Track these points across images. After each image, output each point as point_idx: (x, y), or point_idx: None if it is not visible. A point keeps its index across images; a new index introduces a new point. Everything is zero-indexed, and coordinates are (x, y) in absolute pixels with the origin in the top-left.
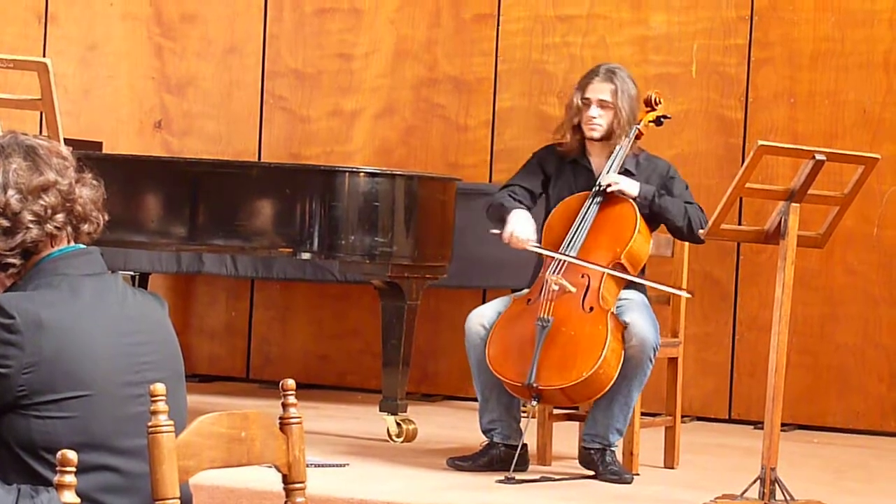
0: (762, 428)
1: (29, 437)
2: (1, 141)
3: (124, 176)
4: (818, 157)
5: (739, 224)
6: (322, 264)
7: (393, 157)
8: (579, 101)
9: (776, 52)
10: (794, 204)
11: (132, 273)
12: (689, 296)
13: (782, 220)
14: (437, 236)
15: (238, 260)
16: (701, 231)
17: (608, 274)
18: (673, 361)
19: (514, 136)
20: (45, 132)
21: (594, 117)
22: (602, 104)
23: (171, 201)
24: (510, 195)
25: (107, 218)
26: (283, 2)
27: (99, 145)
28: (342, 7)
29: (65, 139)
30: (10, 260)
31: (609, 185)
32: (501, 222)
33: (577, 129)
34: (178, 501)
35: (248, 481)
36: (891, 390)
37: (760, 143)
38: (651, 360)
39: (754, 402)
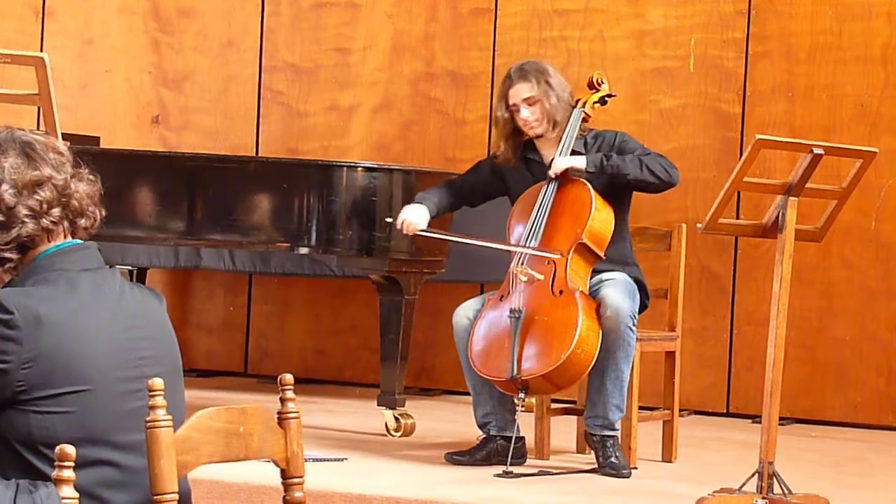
0: (760, 422)
1: (28, 432)
2: None
3: (122, 171)
4: (816, 151)
5: (737, 218)
6: (320, 259)
7: (390, 152)
8: (505, 113)
9: (774, 45)
10: (791, 198)
11: (130, 268)
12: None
13: (780, 214)
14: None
15: (236, 255)
16: (673, 173)
17: (574, 255)
18: (671, 355)
19: None
20: (42, 127)
21: (527, 118)
22: (528, 102)
23: (169, 196)
24: (439, 185)
25: (104, 213)
26: None
27: (96, 140)
28: (339, 1)
29: (62, 134)
30: (7, 255)
31: (556, 166)
32: None
33: (512, 137)
34: (177, 496)
35: (246, 476)
36: (888, 384)
37: (758, 136)
38: (631, 329)
39: (752, 396)
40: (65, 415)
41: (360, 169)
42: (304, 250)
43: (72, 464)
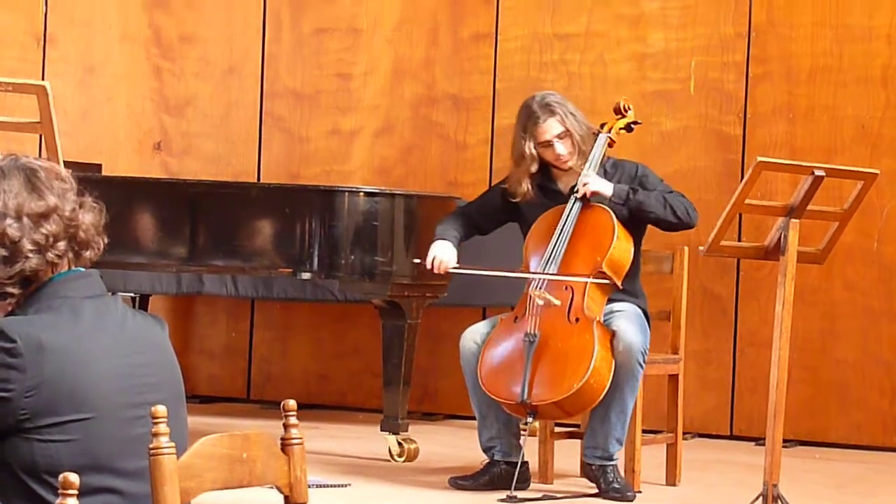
0: (764, 444)
1: (31, 460)
2: (0, 164)
3: (124, 197)
4: (817, 172)
5: (739, 240)
6: (322, 284)
7: (392, 176)
8: (533, 150)
9: (774, 67)
10: (793, 220)
11: (132, 295)
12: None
13: (782, 235)
14: None
15: (238, 280)
16: (691, 215)
17: (592, 283)
18: (674, 378)
19: None
20: (44, 155)
21: (562, 153)
22: (560, 136)
23: (171, 222)
24: (454, 216)
25: (107, 241)
26: (281, 22)
27: (98, 167)
28: (340, 27)
29: (64, 161)
30: (9, 289)
31: (585, 185)
32: None
33: (534, 172)
34: None
35: (249, 502)
36: (892, 405)
37: (759, 159)
38: (641, 365)
39: (756, 418)
40: (68, 442)
41: (361, 194)
42: (306, 275)
43: (75, 492)
